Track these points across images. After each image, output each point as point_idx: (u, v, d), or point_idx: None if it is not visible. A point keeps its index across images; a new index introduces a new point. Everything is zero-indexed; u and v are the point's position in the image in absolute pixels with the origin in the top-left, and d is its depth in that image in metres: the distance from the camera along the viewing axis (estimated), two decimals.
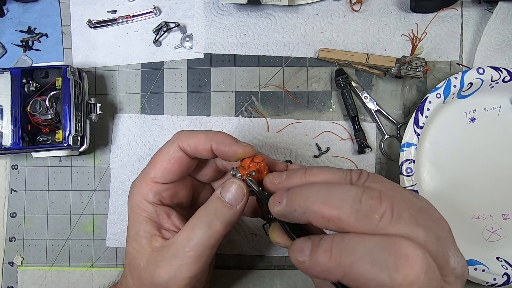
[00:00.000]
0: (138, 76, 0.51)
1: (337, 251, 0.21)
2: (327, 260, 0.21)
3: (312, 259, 0.22)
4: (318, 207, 0.23)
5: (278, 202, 0.26)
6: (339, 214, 0.22)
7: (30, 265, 0.50)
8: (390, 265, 0.20)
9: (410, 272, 0.19)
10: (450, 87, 0.44)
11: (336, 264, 0.21)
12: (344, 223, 0.22)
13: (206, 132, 0.32)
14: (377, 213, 0.21)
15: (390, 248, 0.20)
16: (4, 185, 0.51)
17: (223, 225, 0.30)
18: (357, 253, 0.20)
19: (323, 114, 0.49)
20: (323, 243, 0.22)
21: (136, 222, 0.32)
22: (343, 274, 0.21)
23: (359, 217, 0.22)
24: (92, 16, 0.51)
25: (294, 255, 0.23)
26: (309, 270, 0.22)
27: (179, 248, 0.29)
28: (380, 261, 0.20)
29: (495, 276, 0.43)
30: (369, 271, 0.20)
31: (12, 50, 0.52)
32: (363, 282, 0.20)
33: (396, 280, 0.19)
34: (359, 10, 0.50)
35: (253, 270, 0.48)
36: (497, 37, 0.48)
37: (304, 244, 0.23)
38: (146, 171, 0.32)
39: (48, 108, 0.44)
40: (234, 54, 0.50)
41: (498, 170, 0.47)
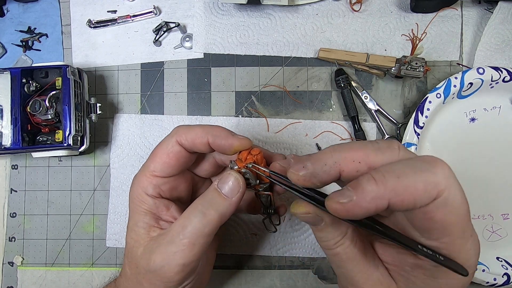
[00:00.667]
0: (138, 76, 0.51)
1: (380, 175, 0.22)
2: (374, 186, 0.22)
3: (358, 193, 0.22)
4: (348, 152, 0.25)
5: (302, 167, 0.25)
6: (366, 152, 0.24)
7: (30, 265, 0.50)
8: (428, 167, 0.22)
9: (444, 168, 0.22)
10: (450, 87, 0.44)
11: (384, 185, 0.22)
12: (373, 158, 0.24)
13: (203, 126, 0.33)
14: (394, 145, 0.25)
15: (421, 159, 0.23)
16: (4, 185, 0.51)
17: (217, 214, 0.30)
18: (397, 170, 0.22)
19: (323, 114, 0.49)
20: (362, 177, 0.23)
21: (136, 213, 0.33)
22: (393, 192, 0.22)
23: (382, 151, 0.24)
24: (92, 16, 0.51)
25: (336, 200, 0.23)
26: (359, 205, 0.22)
27: (174, 235, 0.30)
28: (420, 167, 0.22)
29: (495, 276, 0.43)
30: (414, 176, 0.22)
31: (12, 50, 0.52)
32: (412, 190, 0.22)
33: (438, 174, 0.22)
34: (359, 10, 0.50)
35: (253, 270, 0.48)
36: (497, 37, 0.48)
37: (342, 190, 0.23)
38: (146, 165, 0.33)
39: (48, 108, 0.44)
40: (234, 54, 0.50)
41: (498, 170, 0.47)
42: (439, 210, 0.22)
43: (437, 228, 0.23)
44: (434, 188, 0.22)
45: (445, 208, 0.22)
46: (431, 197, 0.22)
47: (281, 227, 0.48)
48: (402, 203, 0.22)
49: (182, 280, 0.31)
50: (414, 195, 0.22)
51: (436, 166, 0.22)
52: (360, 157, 0.24)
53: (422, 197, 0.22)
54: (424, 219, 0.23)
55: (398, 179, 0.22)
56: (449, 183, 0.22)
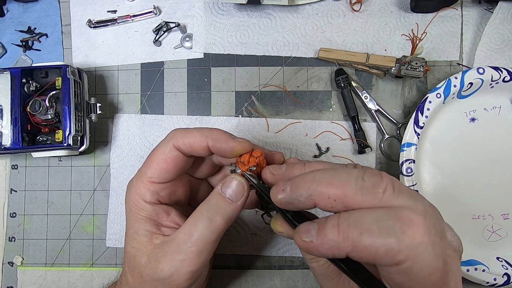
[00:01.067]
0: (138, 76, 0.51)
1: (345, 225, 0.22)
2: (335, 235, 0.22)
3: (320, 237, 0.22)
4: (324, 187, 0.23)
5: (282, 190, 0.26)
6: (345, 192, 0.23)
7: (30, 265, 0.50)
8: (397, 230, 0.21)
9: (415, 234, 0.21)
10: (450, 87, 0.44)
11: (345, 238, 0.21)
12: (350, 199, 0.23)
13: (201, 129, 0.32)
14: (380, 187, 0.23)
15: (395, 216, 0.21)
16: (4, 185, 0.51)
17: (224, 220, 0.30)
18: (364, 224, 0.21)
19: (323, 114, 0.49)
20: (330, 220, 0.23)
21: (135, 221, 0.32)
22: (352, 247, 0.21)
23: (364, 192, 0.23)
24: (92, 16, 0.51)
25: (300, 237, 0.23)
26: (317, 249, 0.22)
27: (180, 243, 0.30)
28: (387, 228, 0.21)
29: (495, 276, 0.43)
30: (378, 239, 0.21)
31: (12, 50, 0.52)
32: (372, 251, 0.21)
33: (404, 242, 0.20)
34: (359, 10, 0.50)
35: (253, 270, 0.48)
36: (497, 37, 0.48)
37: (310, 226, 0.24)
38: (143, 171, 0.32)
39: (48, 108, 0.44)
40: (234, 54, 0.50)
41: (498, 170, 0.47)
42: (399, 275, 0.21)
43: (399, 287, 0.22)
44: (395, 256, 0.21)
45: (406, 275, 0.21)
46: (391, 262, 0.21)
47: None
48: (361, 259, 0.22)
49: (190, 286, 0.31)
50: (373, 256, 0.21)
51: (406, 231, 0.21)
52: (337, 196, 0.23)
53: (382, 260, 0.21)
54: (385, 275, 0.22)
55: (360, 235, 0.21)
56: (415, 254, 0.20)
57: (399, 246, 0.20)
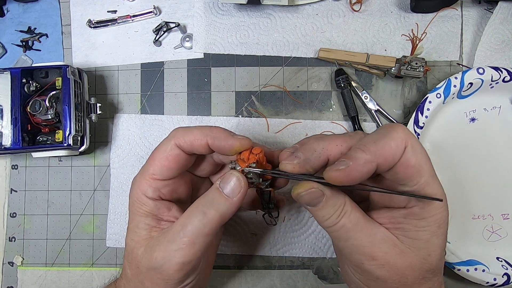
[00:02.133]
0: (138, 76, 0.51)
1: (363, 146, 0.28)
2: (363, 153, 0.27)
3: (352, 160, 0.27)
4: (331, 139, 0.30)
5: (294, 156, 0.30)
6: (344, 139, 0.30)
7: (30, 265, 0.50)
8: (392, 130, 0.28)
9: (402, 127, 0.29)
10: (450, 87, 0.44)
11: (369, 152, 0.27)
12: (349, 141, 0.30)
13: (202, 128, 0.33)
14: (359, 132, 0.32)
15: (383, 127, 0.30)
16: (4, 185, 0.51)
17: (218, 214, 0.30)
18: (372, 139, 0.28)
19: (323, 114, 0.49)
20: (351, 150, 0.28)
21: (136, 215, 0.33)
22: (377, 155, 0.27)
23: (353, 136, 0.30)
24: (92, 16, 0.51)
25: (335, 168, 0.27)
26: (355, 169, 0.27)
27: (174, 233, 0.30)
28: (386, 133, 0.28)
29: (495, 276, 0.43)
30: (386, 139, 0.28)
31: (12, 50, 0.52)
32: (389, 149, 0.27)
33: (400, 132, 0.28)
34: (359, 10, 0.50)
35: (253, 270, 0.48)
36: (497, 37, 0.48)
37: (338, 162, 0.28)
38: (145, 168, 0.33)
39: (48, 108, 0.44)
40: (234, 54, 0.50)
41: (498, 170, 0.47)
42: (411, 156, 0.28)
43: (414, 173, 0.28)
44: (401, 142, 0.28)
45: (414, 153, 0.28)
46: (402, 149, 0.28)
47: (281, 227, 0.48)
48: (386, 160, 0.27)
49: (182, 278, 0.31)
50: (391, 151, 0.27)
51: (396, 128, 0.29)
52: (341, 142, 0.30)
53: (397, 150, 0.27)
54: (403, 168, 0.28)
55: (375, 144, 0.28)
56: (409, 136, 0.28)
57: (399, 135, 0.28)
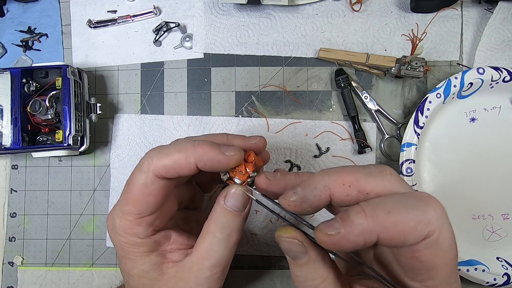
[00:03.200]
0: (138, 76, 0.51)
1: (370, 209, 0.22)
2: (363, 218, 0.22)
3: (347, 225, 0.22)
4: (338, 176, 0.24)
5: (293, 192, 0.25)
6: (356, 176, 0.24)
7: (30, 265, 0.50)
8: (420, 205, 0.22)
9: (436, 207, 0.22)
10: (450, 87, 0.44)
11: (373, 219, 0.21)
12: (363, 183, 0.24)
13: (184, 149, 0.28)
14: (386, 171, 0.24)
15: (412, 196, 0.23)
16: (4, 185, 0.51)
17: (238, 234, 0.30)
18: (388, 205, 0.22)
19: (323, 114, 0.49)
20: (352, 209, 0.23)
21: (137, 260, 0.30)
22: (382, 227, 0.21)
23: (373, 176, 0.24)
24: (92, 16, 0.51)
25: (324, 231, 0.23)
26: (346, 238, 0.22)
27: (202, 269, 0.29)
28: (411, 205, 0.22)
29: (495, 276, 0.43)
30: (405, 214, 0.21)
31: (12, 50, 0.52)
32: (402, 228, 0.21)
33: (430, 214, 0.21)
34: (359, 10, 0.50)
35: (253, 270, 0.48)
36: (497, 37, 0.48)
37: (330, 221, 0.23)
38: (126, 209, 0.29)
39: (48, 108, 0.44)
40: (234, 54, 0.50)
41: (498, 170, 0.47)
42: (428, 250, 0.22)
43: (423, 269, 0.22)
44: (424, 228, 0.21)
45: (434, 249, 0.22)
46: (421, 236, 0.21)
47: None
48: (392, 239, 0.22)
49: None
50: (404, 233, 0.21)
51: (429, 205, 0.22)
52: (350, 181, 0.24)
53: (412, 235, 0.21)
54: (410, 257, 0.22)
55: (388, 214, 0.21)
56: (441, 224, 0.22)
57: (427, 217, 0.21)
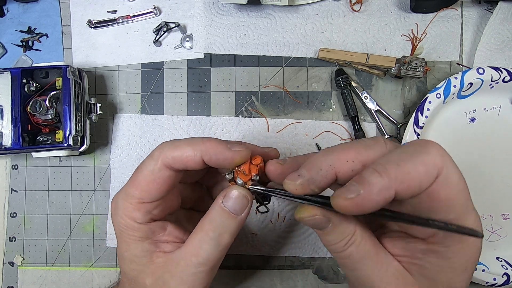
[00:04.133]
0: (138, 76, 0.51)
1: (381, 167, 0.23)
2: (379, 177, 0.22)
3: (365, 186, 0.22)
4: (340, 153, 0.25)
5: (297, 175, 0.25)
6: (357, 151, 0.25)
7: (30, 265, 0.50)
8: (423, 150, 0.23)
9: (438, 148, 0.23)
10: (450, 87, 0.44)
11: (387, 175, 0.22)
12: (364, 155, 0.25)
13: (193, 143, 0.29)
14: (380, 140, 0.26)
15: (412, 144, 0.24)
16: (4, 185, 0.51)
17: (230, 236, 0.29)
18: (396, 159, 0.23)
19: (323, 114, 0.49)
20: (364, 172, 0.23)
21: (130, 243, 0.30)
22: (398, 181, 0.22)
23: (371, 147, 0.25)
24: (92, 16, 0.51)
25: (343, 196, 0.23)
26: (368, 198, 0.22)
27: (189, 264, 0.29)
28: (414, 152, 0.23)
29: (495, 276, 0.43)
30: (414, 162, 0.22)
31: (12, 50, 0.52)
32: (415, 175, 0.22)
33: (434, 155, 0.23)
34: (359, 10, 0.50)
35: (253, 270, 0.48)
36: (497, 37, 0.48)
37: (347, 186, 0.23)
38: (130, 192, 0.30)
39: (48, 108, 0.44)
40: (234, 54, 0.50)
41: (498, 170, 0.47)
42: (442, 188, 0.23)
43: (442, 207, 0.23)
44: (433, 168, 0.22)
45: (447, 185, 0.23)
46: (432, 177, 0.22)
47: (281, 227, 0.48)
48: (408, 189, 0.22)
49: None
50: (418, 179, 0.22)
51: (429, 147, 0.23)
52: (353, 156, 0.25)
53: (425, 179, 0.22)
54: (429, 201, 0.23)
55: (398, 167, 0.22)
56: (445, 161, 0.23)
57: (433, 159, 0.22)
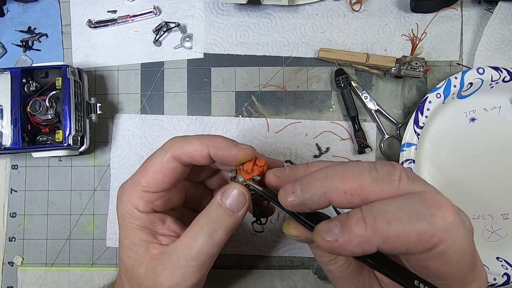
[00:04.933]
0: (138, 76, 0.51)
1: (371, 218, 0.20)
2: (363, 229, 0.20)
3: (346, 234, 0.21)
4: (339, 182, 0.22)
5: (291, 192, 0.24)
6: (361, 184, 0.22)
7: (30, 265, 0.50)
8: (426, 213, 0.20)
9: (446, 214, 0.20)
10: (450, 87, 0.44)
11: (373, 231, 0.20)
12: (368, 191, 0.22)
13: (201, 137, 0.30)
14: (395, 175, 0.22)
15: (420, 200, 0.20)
16: (4, 185, 0.51)
17: (225, 233, 0.29)
18: (390, 213, 0.20)
19: (323, 114, 0.49)
20: (352, 215, 0.21)
21: (130, 230, 0.31)
22: (382, 239, 0.20)
23: (380, 182, 0.22)
24: (92, 16, 0.51)
25: (322, 237, 0.21)
26: (345, 248, 0.21)
27: (180, 257, 0.29)
28: (415, 213, 0.20)
29: (495, 276, 0.43)
30: (408, 225, 0.20)
31: (12, 50, 0.52)
32: (404, 239, 0.20)
33: (436, 224, 0.20)
34: (359, 10, 0.50)
35: (253, 270, 0.48)
36: (497, 37, 0.48)
37: (330, 224, 0.21)
38: (136, 179, 0.31)
39: (48, 108, 0.44)
40: (234, 54, 0.50)
41: (498, 170, 0.47)
42: (434, 261, 0.20)
43: (431, 274, 0.21)
44: (428, 240, 0.20)
45: (441, 260, 0.20)
46: (425, 248, 0.20)
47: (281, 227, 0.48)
48: (393, 250, 0.20)
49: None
50: (406, 244, 0.20)
51: (435, 212, 0.20)
52: (353, 189, 0.22)
53: (414, 248, 0.20)
54: (417, 264, 0.22)
55: (389, 225, 0.20)
56: (448, 234, 0.20)
57: (432, 228, 0.20)
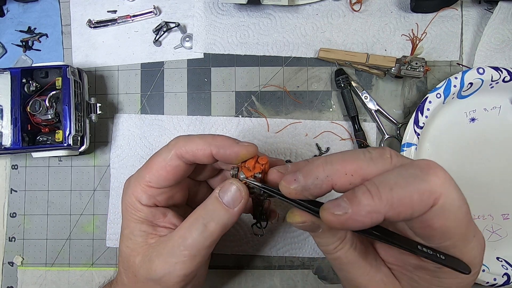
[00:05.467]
0: (138, 76, 0.51)
1: (374, 188, 0.22)
2: (370, 199, 0.22)
3: (354, 206, 0.22)
4: (340, 165, 0.24)
5: (293, 179, 0.25)
6: (359, 164, 0.24)
7: (30, 265, 0.50)
8: (421, 175, 0.22)
9: (439, 173, 0.22)
10: (450, 87, 0.44)
11: (379, 198, 0.22)
12: (365, 170, 0.24)
13: (204, 136, 0.31)
14: (386, 154, 0.24)
15: (413, 167, 0.23)
16: (4, 185, 0.51)
17: (219, 227, 0.29)
18: (391, 180, 0.22)
19: (323, 114, 0.49)
20: (358, 189, 0.23)
21: (131, 221, 0.32)
22: (388, 205, 0.21)
23: (374, 161, 0.24)
24: (92, 16, 0.51)
25: (331, 211, 0.23)
26: (355, 218, 0.22)
27: (174, 246, 0.30)
28: (412, 176, 0.22)
29: (495, 276, 0.43)
30: (408, 187, 0.22)
31: (12, 50, 0.52)
32: (407, 202, 0.21)
33: (432, 181, 0.22)
34: (359, 10, 0.50)
35: (253, 270, 0.48)
36: (497, 37, 0.48)
37: (337, 200, 0.23)
38: (141, 174, 0.32)
39: (48, 108, 0.44)
40: (234, 54, 0.50)
41: (498, 170, 0.47)
42: (437, 217, 0.22)
43: (437, 235, 0.23)
44: (429, 197, 0.21)
45: (443, 215, 0.22)
46: (427, 206, 0.22)
47: (281, 227, 0.48)
48: (399, 215, 0.22)
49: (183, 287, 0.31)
50: (410, 206, 0.21)
51: (429, 172, 0.22)
52: (353, 170, 0.24)
53: (418, 207, 0.22)
54: (422, 227, 0.23)
55: (391, 191, 0.22)
56: (444, 189, 0.22)
57: (430, 186, 0.21)
